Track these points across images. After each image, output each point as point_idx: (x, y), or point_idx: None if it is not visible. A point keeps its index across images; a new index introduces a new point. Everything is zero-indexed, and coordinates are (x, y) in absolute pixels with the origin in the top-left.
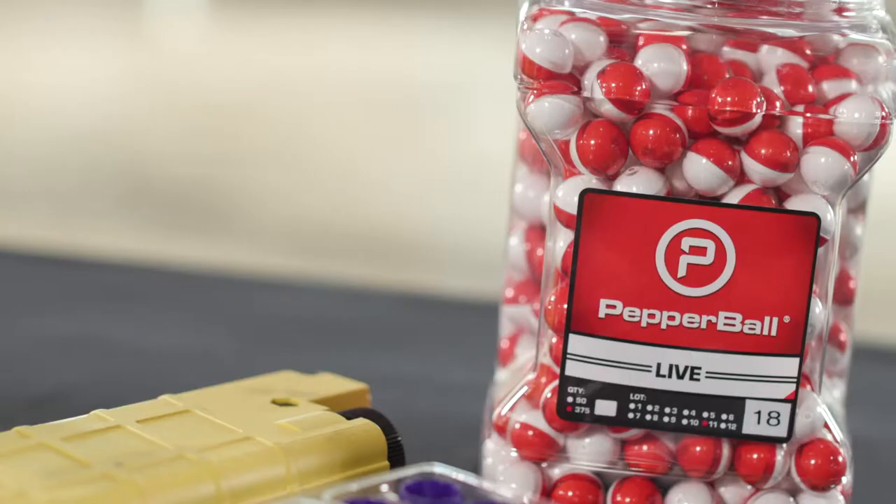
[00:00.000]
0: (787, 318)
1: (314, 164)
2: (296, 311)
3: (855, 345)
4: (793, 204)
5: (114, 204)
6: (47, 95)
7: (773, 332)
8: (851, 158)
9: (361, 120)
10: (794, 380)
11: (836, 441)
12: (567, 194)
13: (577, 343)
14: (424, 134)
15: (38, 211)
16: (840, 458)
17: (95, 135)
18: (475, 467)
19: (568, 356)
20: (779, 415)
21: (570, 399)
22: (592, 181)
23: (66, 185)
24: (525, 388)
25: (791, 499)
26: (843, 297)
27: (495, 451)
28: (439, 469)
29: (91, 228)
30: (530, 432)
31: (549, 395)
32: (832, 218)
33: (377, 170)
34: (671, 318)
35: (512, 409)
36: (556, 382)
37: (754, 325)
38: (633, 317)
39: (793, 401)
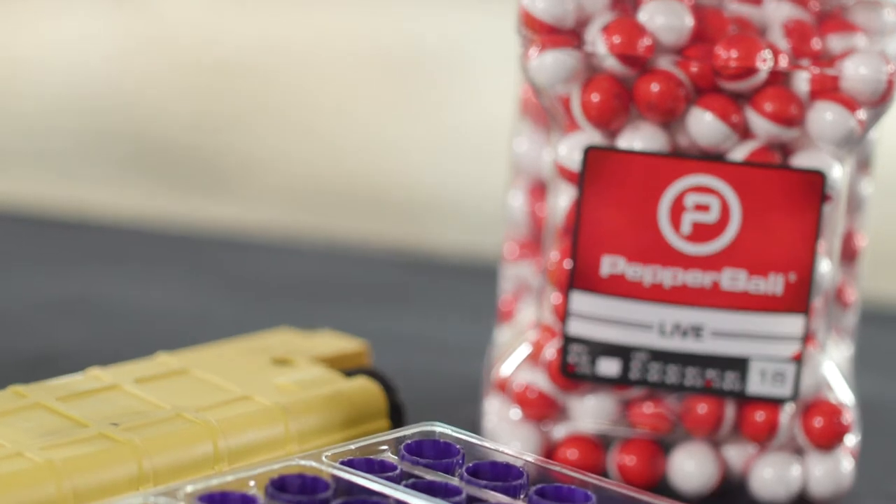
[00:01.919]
0: (792, 276)
1: (314, 125)
2: (295, 271)
3: (865, 306)
4: (798, 160)
5: (110, 164)
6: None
7: (778, 291)
8: (857, 114)
9: (361, 80)
10: (800, 339)
11: (842, 401)
12: (569, 151)
13: (579, 301)
14: (425, 94)
15: (35, 171)
16: (845, 418)
17: (93, 94)
18: (475, 427)
19: (570, 314)
20: (784, 374)
21: (572, 358)
22: (595, 137)
23: (63, 145)
24: (526, 347)
25: (796, 459)
26: (850, 255)
27: (496, 410)
28: (440, 428)
29: (88, 189)
30: (532, 392)
31: (550, 354)
32: (838, 175)
33: (378, 130)
34: (675, 275)
35: (513, 368)
36: (558, 341)
37: (759, 282)
38: (636, 274)
39: (798, 360)
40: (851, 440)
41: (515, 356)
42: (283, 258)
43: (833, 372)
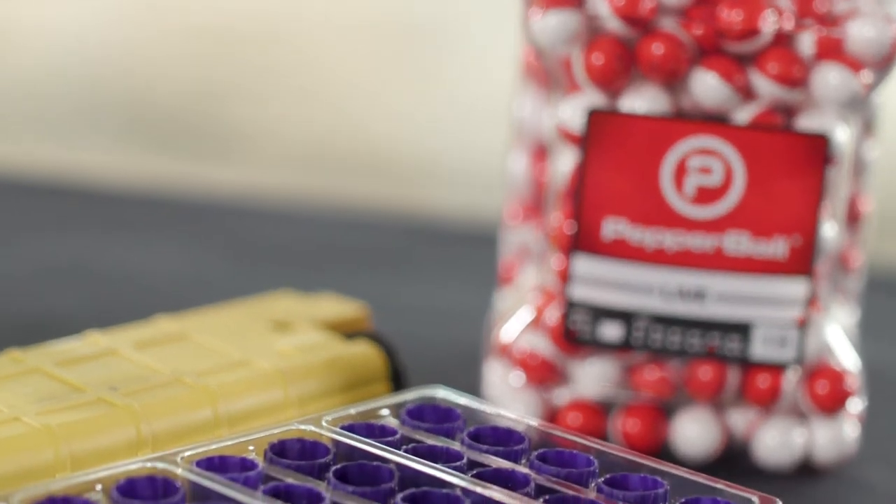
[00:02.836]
0: (795, 239)
1: (313, 89)
2: (295, 236)
3: (873, 272)
4: (802, 123)
5: (110, 130)
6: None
7: (782, 254)
8: (862, 76)
9: (362, 44)
10: (803, 302)
11: (846, 365)
12: (572, 114)
13: (581, 264)
14: (426, 57)
15: (34, 137)
16: (849, 383)
17: (93, 59)
18: (476, 391)
19: (572, 278)
20: (787, 338)
21: (574, 322)
22: (597, 99)
23: (61, 111)
24: (528, 312)
25: (800, 425)
26: (854, 218)
27: (497, 375)
28: (441, 393)
29: (87, 154)
30: (533, 356)
31: (553, 318)
32: (842, 137)
33: (378, 94)
34: (678, 238)
35: (515, 332)
36: (560, 305)
37: (762, 246)
38: (638, 238)
39: (801, 324)
40: (857, 406)
41: (517, 320)
42: (282, 223)
43: (837, 336)
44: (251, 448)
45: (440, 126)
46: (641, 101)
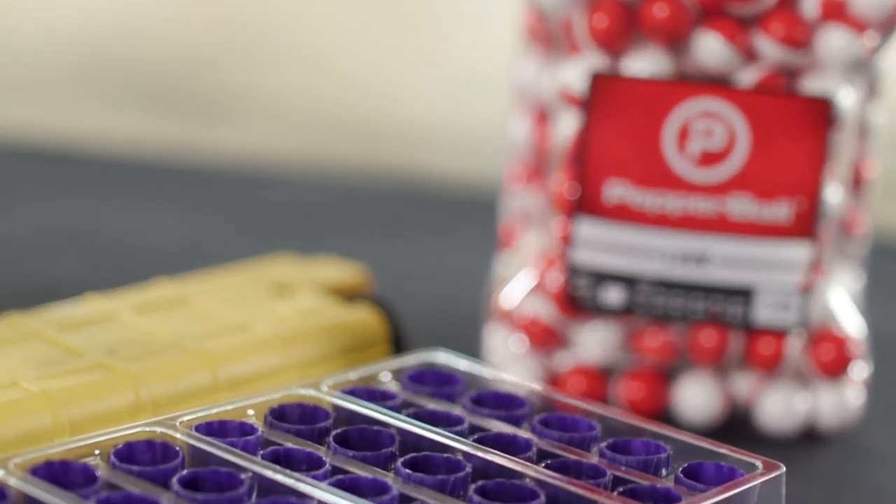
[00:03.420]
0: (799, 202)
1: (313, 53)
2: (295, 201)
3: (879, 236)
4: (805, 85)
5: (110, 95)
6: None
7: (785, 217)
8: (865, 38)
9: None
10: (807, 266)
11: (850, 330)
12: (574, 76)
13: (584, 228)
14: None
15: (33, 102)
16: (853, 347)
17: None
18: (477, 356)
19: (575, 241)
20: (790, 302)
21: (576, 286)
22: (599, 61)
23: (61, 76)
24: (530, 276)
25: (803, 391)
26: (859, 182)
27: (499, 339)
28: (442, 356)
29: (87, 120)
30: (535, 321)
31: (555, 282)
32: (846, 100)
33: (378, 57)
34: (680, 202)
35: (517, 297)
36: (562, 269)
37: (765, 209)
38: (641, 201)
39: (805, 288)
40: (862, 371)
41: (518, 285)
42: (283, 188)
43: (842, 301)
44: (251, 412)
45: (440, 90)
46: (644, 63)
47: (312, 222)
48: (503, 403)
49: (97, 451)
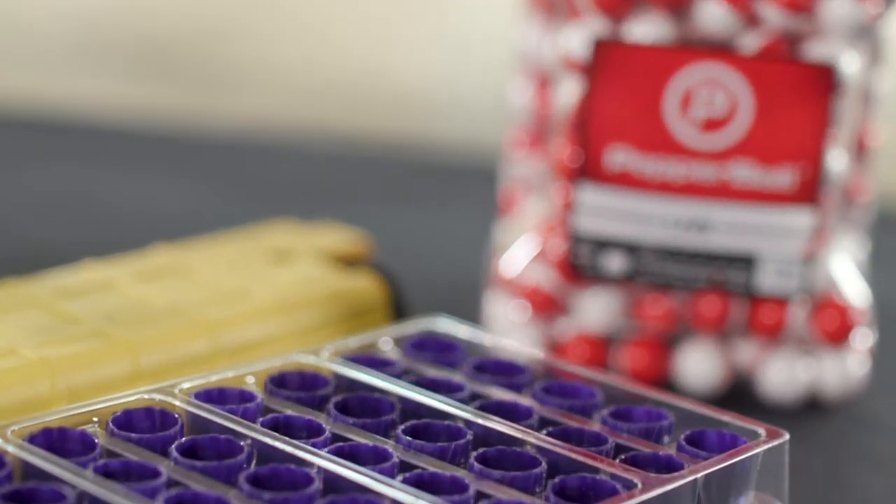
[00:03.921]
0: (801, 168)
1: (312, 20)
2: (294, 170)
3: (885, 206)
4: (809, 51)
5: (108, 65)
6: None
7: (788, 184)
8: (869, 4)
9: None
10: (809, 233)
11: (852, 297)
12: (576, 42)
13: (586, 194)
14: None
15: (34, 71)
16: (856, 315)
17: None
18: (478, 323)
19: (577, 208)
20: (792, 269)
21: (578, 253)
22: (601, 26)
23: (62, 45)
24: (531, 243)
25: (806, 359)
26: (863, 149)
27: (499, 308)
28: (443, 323)
29: (86, 89)
30: (537, 288)
31: (557, 249)
32: (849, 66)
33: (378, 26)
34: (683, 168)
35: (518, 264)
36: (564, 236)
37: (768, 175)
38: (643, 167)
39: (807, 255)
40: (866, 340)
41: (519, 252)
42: (283, 157)
43: (845, 269)
44: (250, 380)
45: (441, 58)
46: (646, 28)
47: (313, 191)
48: (504, 371)
49: (95, 419)
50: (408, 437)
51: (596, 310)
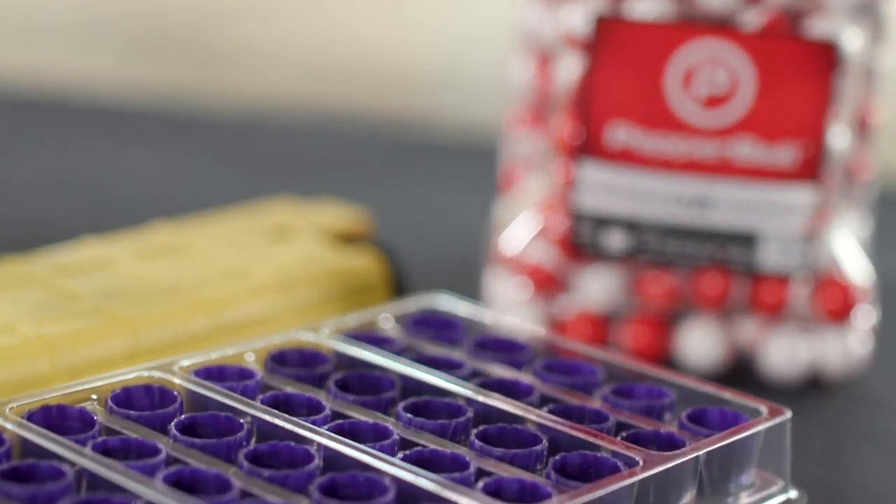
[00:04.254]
0: (803, 146)
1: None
2: (294, 148)
3: (889, 184)
4: (810, 28)
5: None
6: None
7: (790, 161)
8: None
9: None
10: (811, 210)
11: (856, 275)
12: (578, 19)
13: (588, 172)
14: None
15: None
16: (857, 292)
17: None
18: (479, 300)
19: (579, 185)
20: (794, 247)
21: (579, 231)
22: (602, 4)
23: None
24: (533, 221)
25: (807, 337)
26: (865, 126)
27: (500, 285)
28: (443, 301)
29: (86, 67)
30: (538, 266)
31: (558, 227)
32: (851, 43)
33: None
34: (684, 145)
35: (519, 241)
36: (566, 214)
37: (770, 153)
38: (644, 144)
39: (809, 232)
40: (868, 318)
41: (521, 230)
42: (282, 134)
43: (846, 247)
44: (250, 357)
45: (441, 35)
46: (647, 5)
47: (313, 168)
48: (505, 348)
49: (94, 396)
50: (408, 415)
51: (597, 288)
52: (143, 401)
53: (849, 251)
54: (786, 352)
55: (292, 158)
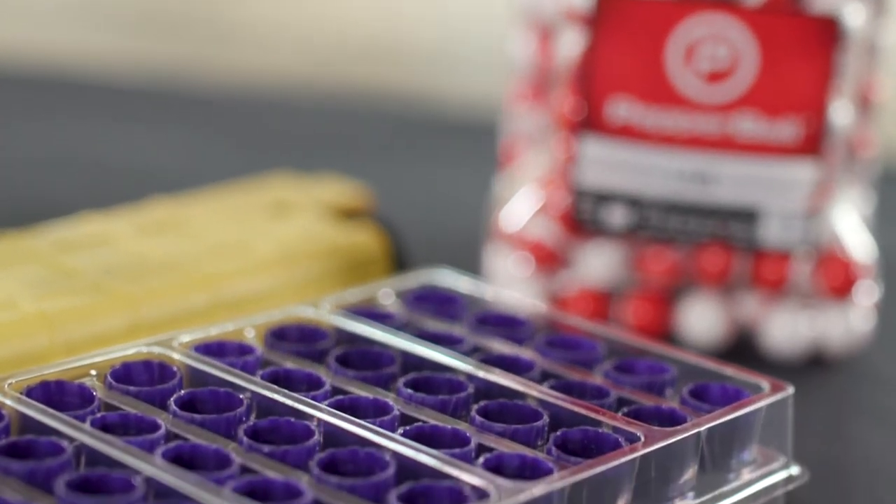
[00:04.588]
0: (805, 121)
1: None
2: (295, 125)
3: (893, 160)
4: (812, 3)
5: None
6: None
7: (792, 136)
8: None
9: None
10: (812, 186)
11: (858, 252)
12: None
13: (588, 147)
14: None
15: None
16: (859, 268)
17: None
18: (480, 276)
19: (580, 161)
20: (796, 223)
21: (581, 206)
22: None
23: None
24: (533, 197)
25: (809, 313)
26: (868, 102)
27: (500, 261)
28: (444, 276)
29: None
30: (539, 242)
31: (559, 203)
32: (853, 19)
33: None
34: (686, 120)
35: (520, 218)
36: (567, 190)
37: (771, 127)
38: (646, 120)
39: (811, 209)
40: (871, 295)
41: (522, 206)
42: (283, 111)
43: (849, 223)
44: (250, 333)
45: (441, 11)
46: None
47: (314, 144)
48: (506, 324)
49: (94, 372)
50: (409, 390)
51: (598, 264)
52: (142, 376)
53: (851, 227)
54: (787, 328)
55: (292, 135)
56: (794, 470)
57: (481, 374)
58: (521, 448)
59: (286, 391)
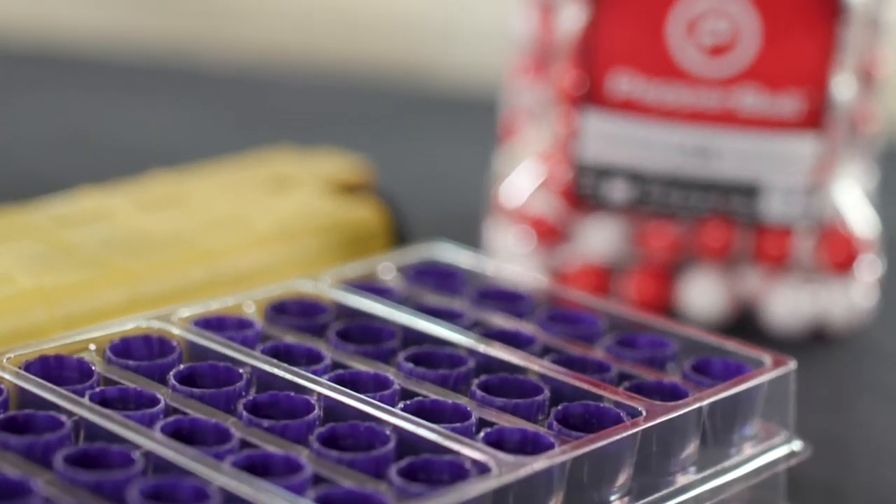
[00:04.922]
0: (807, 95)
1: None
2: (295, 101)
3: None
4: None
5: None
6: None
7: (794, 111)
8: None
9: None
10: (815, 161)
11: (860, 227)
12: None
13: (590, 121)
14: None
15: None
16: (861, 243)
17: None
18: (480, 251)
19: (582, 135)
20: (798, 198)
21: (582, 181)
22: None
23: None
24: (535, 172)
25: (811, 289)
26: (870, 77)
27: (500, 235)
28: (444, 250)
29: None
30: (540, 217)
31: (560, 177)
32: None
33: None
34: (688, 95)
35: (521, 192)
36: (568, 164)
37: (773, 102)
38: (648, 94)
39: (813, 183)
40: (874, 271)
41: (523, 180)
42: (283, 86)
43: (851, 198)
44: (250, 308)
45: None
46: None
47: (314, 119)
48: (507, 298)
49: (93, 347)
50: (409, 365)
51: (599, 238)
52: (141, 351)
53: (853, 202)
54: (789, 303)
55: (293, 110)
56: (796, 445)
57: (482, 348)
58: (521, 423)
59: (286, 365)
